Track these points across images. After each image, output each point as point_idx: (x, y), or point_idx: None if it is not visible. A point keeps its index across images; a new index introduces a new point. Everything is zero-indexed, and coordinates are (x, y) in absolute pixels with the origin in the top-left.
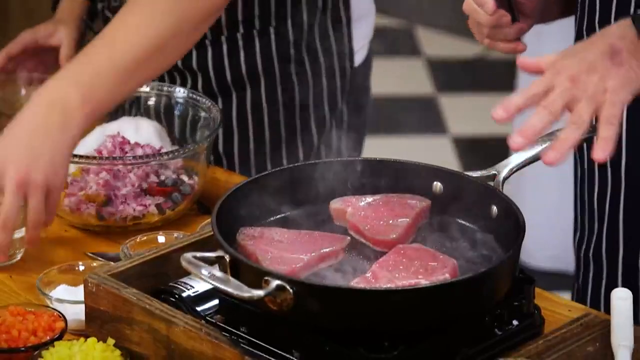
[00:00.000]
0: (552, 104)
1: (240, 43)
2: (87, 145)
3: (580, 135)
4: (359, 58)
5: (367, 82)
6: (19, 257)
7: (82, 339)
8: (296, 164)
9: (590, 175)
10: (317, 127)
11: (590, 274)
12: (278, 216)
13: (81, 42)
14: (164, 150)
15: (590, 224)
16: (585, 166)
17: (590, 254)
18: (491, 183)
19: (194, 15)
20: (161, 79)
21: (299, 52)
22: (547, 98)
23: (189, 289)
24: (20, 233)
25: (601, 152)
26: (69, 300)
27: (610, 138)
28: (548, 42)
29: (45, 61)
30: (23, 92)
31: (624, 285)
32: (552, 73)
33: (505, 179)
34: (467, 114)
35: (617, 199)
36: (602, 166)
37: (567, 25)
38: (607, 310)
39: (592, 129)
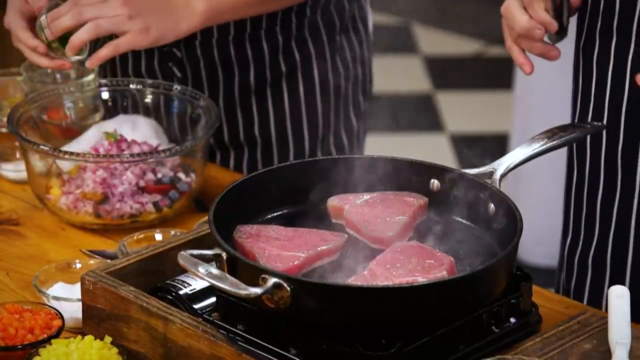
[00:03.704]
0: None
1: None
2: (84, 143)
3: None
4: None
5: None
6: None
7: (79, 337)
8: (293, 162)
9: (594, 182)
10: (310, 141)
11: (588, 279)
12: (275, 214)
13: None
14: (161, 148)
15: (589, 229)
16: (587, 172)
17: (590, 260)
18: (488, 180)
19: None
20: (153, 75)
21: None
22: None
23: (186, 287)
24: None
25: None
26: (66, 298)
27: None
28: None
29: None
30: None
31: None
32: None
33: (502, 176)
34: (465, 111)
35: (629, 202)
36: (610, 171)
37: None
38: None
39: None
